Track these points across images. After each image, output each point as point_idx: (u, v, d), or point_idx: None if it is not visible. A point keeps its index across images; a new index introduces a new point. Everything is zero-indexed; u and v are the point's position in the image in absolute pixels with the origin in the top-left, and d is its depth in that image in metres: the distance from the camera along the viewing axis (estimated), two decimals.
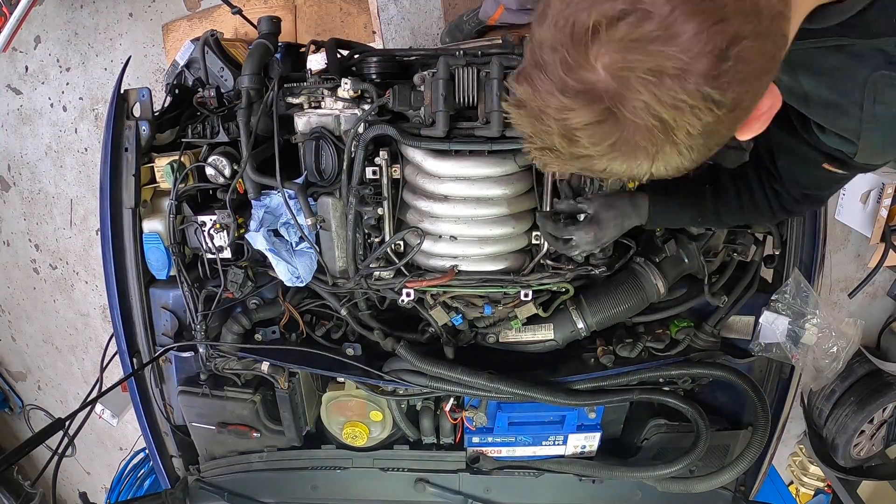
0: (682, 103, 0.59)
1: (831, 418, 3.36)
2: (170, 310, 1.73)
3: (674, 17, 0.57)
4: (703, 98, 0.59)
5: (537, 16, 0.64)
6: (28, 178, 3.73)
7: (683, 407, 1.63)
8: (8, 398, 4.83)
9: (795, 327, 1.52)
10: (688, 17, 0.57)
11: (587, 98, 0.61)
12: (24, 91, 3.49)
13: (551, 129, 0.66)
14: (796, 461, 3.93)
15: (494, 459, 1.88)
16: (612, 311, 1.54)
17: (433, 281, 1.48)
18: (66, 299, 4.12)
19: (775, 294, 1.56)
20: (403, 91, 1.37)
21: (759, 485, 1.88)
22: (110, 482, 3.49)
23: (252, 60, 1.49)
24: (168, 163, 1.57)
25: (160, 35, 3.13)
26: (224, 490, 1.98)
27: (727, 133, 0.67)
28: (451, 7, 2.85)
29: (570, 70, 0.61)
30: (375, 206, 1.46)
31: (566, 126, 0.64)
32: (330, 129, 1.48)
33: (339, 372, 1.66)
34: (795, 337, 1.51)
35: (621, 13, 0.57)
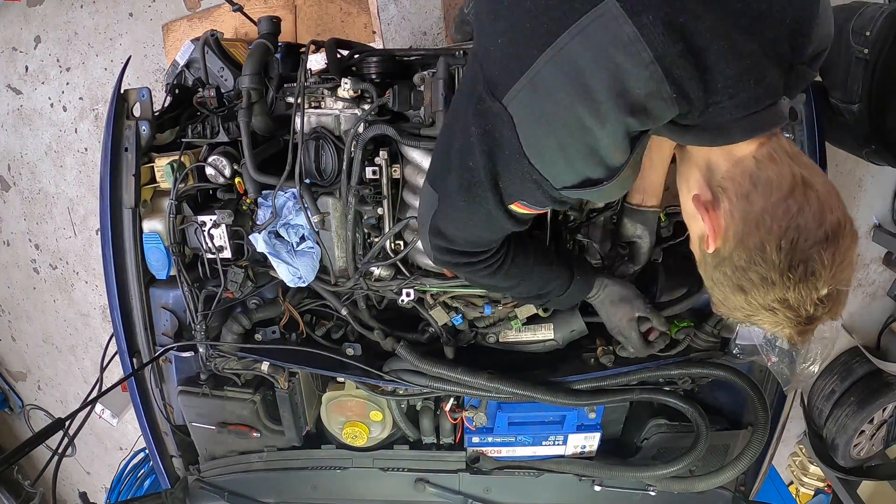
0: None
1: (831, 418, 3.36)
2: (170, 310, 1.73)
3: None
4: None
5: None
6: (28, 178, 3.73)
7: (683, 407, 1.63)
8: (8, 398, 4.83)
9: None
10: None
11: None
12: (24, 91, 3.49)
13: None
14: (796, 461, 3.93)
15: (494, 459, 1.88)
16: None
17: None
18: (66, 299, 4.12)
19: None
20: (403, 91, 1.37)
21: (759, 485, 1.88)
22: (110, 482, 3.49)
23: (252, 60, 1.49)
24: (168, 163, 1.57)
25: (160, 35, 3.13)
26: (224, 490, 1.98)
27: None
28: (451, 7, 2.85)
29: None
30: (375, 206, 1.46)
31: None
32: (330, 129, 1.48)
33: (339, 372, 1.66)
34: (773, 340, 1.51)
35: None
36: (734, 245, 0.91)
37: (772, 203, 0.88)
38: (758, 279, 0.89)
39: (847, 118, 1.88)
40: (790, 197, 0.87)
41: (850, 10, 1.82)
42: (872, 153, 1.99)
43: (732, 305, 0.96)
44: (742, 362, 1.60)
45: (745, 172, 0.91)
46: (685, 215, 1.06)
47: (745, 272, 0.91)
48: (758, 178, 0.89)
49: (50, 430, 1.46)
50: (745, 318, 0.97)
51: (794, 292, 0.88)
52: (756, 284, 0.90)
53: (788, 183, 0.88)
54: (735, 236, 0.91)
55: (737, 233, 0.91)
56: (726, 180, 0.93)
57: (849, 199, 3.13)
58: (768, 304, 0.91)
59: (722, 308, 1.00)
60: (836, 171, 2.98)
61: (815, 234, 0.86)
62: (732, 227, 0.91)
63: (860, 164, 3.02)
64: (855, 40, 1.76)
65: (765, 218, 0.88)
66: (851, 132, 1.93)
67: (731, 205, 0.91)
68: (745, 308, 0.94)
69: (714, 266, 0.96)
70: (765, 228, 0.88)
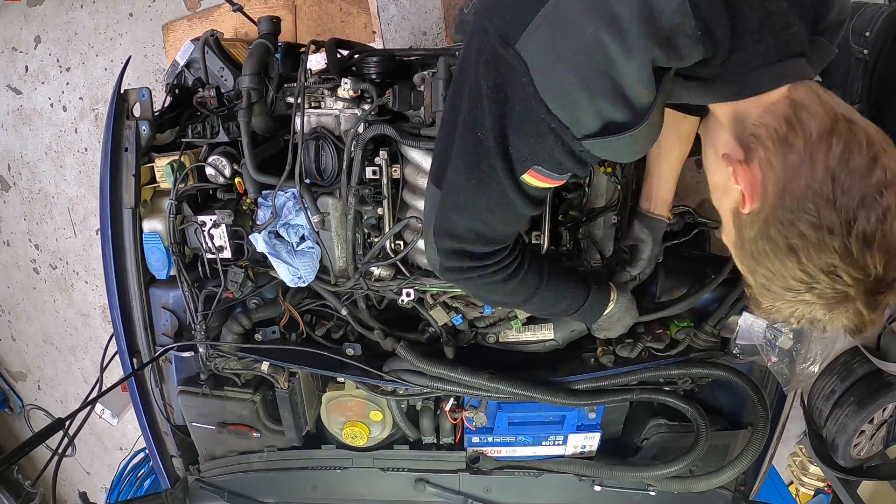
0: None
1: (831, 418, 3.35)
2: (170, 310, 1.73)
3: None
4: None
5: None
6: (28, 178, 3.73)
7: (683, 407, 1.63)
8: (8, 398, 4.83)
9: (773, 330, 1.51)
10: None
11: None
12: (24, 91, 3.49)
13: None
14: (796, 461, 3.93)
15: (494, 459, 1.88)
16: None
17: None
18: (66, 299, 4.12)
19: None
20: (403, 91, 1.37)
21: (759, 485, 1.88)
22: (110, 482, 3.49)
23: (252, 60, 1.49)
24: (168, 163, 1.57)
25: (160, 35, 3.13)
26: (224, 490, 1.98)
27: None
28: (451, 7, 2.85)
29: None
30: (375, 206, 1.46)
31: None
32: (330, 129, 1.48)
33: (339, 372, 1.66)
34: (772, 340, 1.51)
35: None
36: (776, 196, 0.79)
37: (814, 141, 0.77)
38: (810, 229, 0.76)
39: None
40: (834, 133, 0.76)
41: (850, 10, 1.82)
42: None
43: (783, 284, 0.82)
44: (742, 362, 1.60)
45: (779, 116, 0.81)
46: (715, 196, 0.95)
47: (793, 225, 0.78)
48: (795, 120, 0.79)
49: (50, 430, 1.46)
50: (799, 303, 0.83)
51: (855, 240, 0.75)
52: (809, 238, 0.77)
53: (830, 120, 0.78)
54: (776, 185, 0.79)
55: (778, 180, 0.79)
56: (758, 127, 0.82)
57: None
58: (827, 265, 0.77)
59: (767, 297, 0.86)
60: None
61: (869, 170, 0.75)
62: (772, 175, 0.80)
63: None
64: (854, 41, 1.76)
65: (808, 157, 0.77)
66: None
67: (768, 151, 0.80)
68: (800, 280, 0.80)
69: (755, 234, 0.83)
70: (810, 168, 0.76)
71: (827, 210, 0.75)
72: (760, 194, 0.81)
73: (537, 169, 0.93)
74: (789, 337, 1.51)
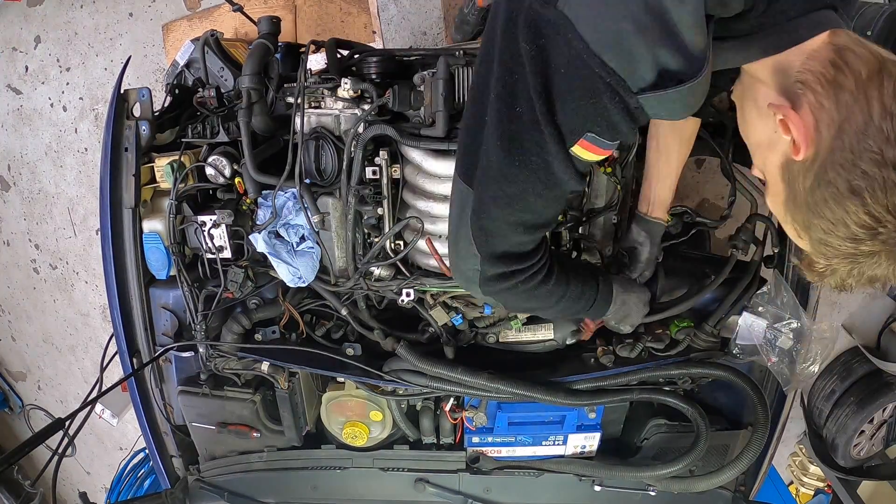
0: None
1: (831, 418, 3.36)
2: (170, 310, 1.73)
3: None
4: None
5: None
6: (28, 178, 3.73)
7: (683, 407, 1.63)
8: (8, 398, 4.83)
9: (773, 331, 1.51)
10: None
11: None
12: (24, 91, 3.49)
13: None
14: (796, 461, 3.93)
15: (494, 459, 1.88)
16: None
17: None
18: (66, 299, 4.12)
19: (755, 295, 1.55)
20: (403, 91, 1.37)
21: (759, 485, 1.88)
22: (110, 482, 3.49)
23: (252, 60, 1.49)
24: (168, 163, 1.57)
25: (160, 35, 3.13)
26: (224, 490, 1.98)
27: None
28: (451, 7, 2.85)
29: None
30: (375, 206, 1.46)
31: None
32: (330, 129, 1.48)
33: (339, 372, 1.66)
34: (772, 340, 1.51)
35: None
36: (833, 138, 0.76)
37: (865, 80, 0.75)
38: (873, 166, 0.73)
39: None
40: (884, 72, 0.74)
41: None
42: None
43: (845, 233, 0.78)
44: (742, 362, 1.60)
45: (824, 61, 0.79)
46: (758, 156, 0.91)
47: (854, 166, 0.74)
48: (842, 62, 0.77)
49: (50, 430, 1.46)
50: (860, 257, 0.79)
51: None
52: (873, 176, 0.73)
53: (877, 60, 0.76)
54: (830, 127, 0.76)
55: (832, 121, 0.76)
56: (804, 73, 0.80)
57: None
58: (894, 204, 0.73)
59: (824, 255, 0.83)
60: None
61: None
62: (825, 117, 0.77)
63: None
64: None
65: (862, 95, 0.74)
66: None
67: (818, 95, 0.78)
68: (865, 226, 0.76)
69: (812, 182, 0.79)
70: (865, 105, 0.74)
71: (889, 146, 0.72)
72: (814, 139, 0.78)
73: (590, 137, 0.87)
74: (789, 337, 1.51)
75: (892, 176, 0.73)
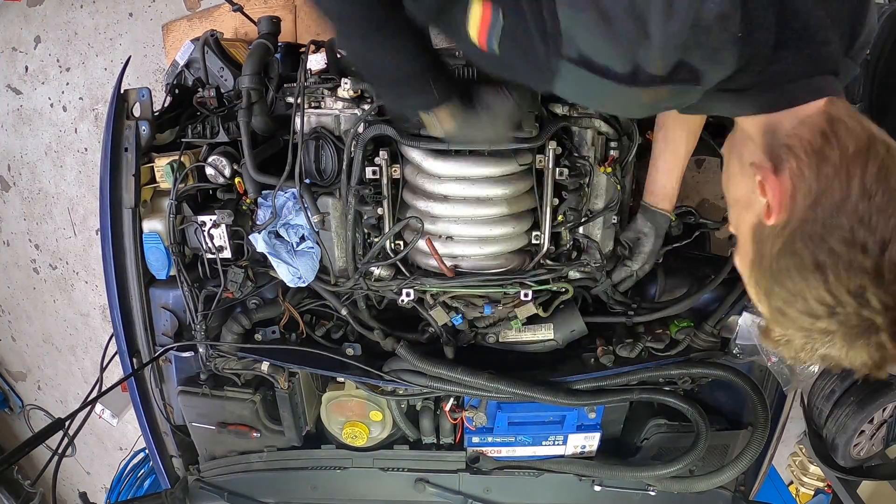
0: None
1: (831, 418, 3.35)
2: (170, 310, 1.73)
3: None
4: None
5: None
6: (28, 178, 3.73)
7: (683, 407, 1.63)
8: (8, 398, 4.83)
9: None
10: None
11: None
12: (24, 91, 3.49)
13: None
14: (796, 461, 3.93)
15: (494, 459, 1.88)
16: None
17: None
18: (66, 299, 4.11)
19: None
20: None
21: (759, 485, 1.88)
22: (110, 482, 3.49)
23: (252, 60, 1.49)
24: (168, 163, 1.57)
25: (160, 35, 3.13)
26: (224, 490, 1.98)
27: None
28: None
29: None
30: (375, 206, 1.46)
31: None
32: (330, 129, 1.48)
33: (339, 372, 1.66)
34: None
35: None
36: (807, 209, 0.74)
37: (851, 156, 0.72)
38: (841, 245, 0.71)
39: None
40: (872, 151, 0.72)
41: None
42: None
43: (802, 307, 0.76)
44: (742, 362, 1.60)
45: (814, 128, 0.76)
46: (734, 212, 0.90)
47: (823, 240, 0.72)
48: (831, 133, 0.75)
49: (50, 430, 1.46)
50: (815, 333, 0.77)
51: (889, 263, 0.69)
52: (839, 255, 0.71)
53: (868, 138, 0.74)
54: (807, 197, 0.74)
55: (809, 191, 0.74)
56: (792, 138, 0.78)
57: None
58: (856, 286, 0.70)
59: (780, 324, 0.81)
60: None
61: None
62: (803, 186, 0.74)
63: None
64: None
65: (844, 171, 0.72)
66: None
67: (801, 162, 0.75)
68: (823, 303, 0.73)
69: (779, 249, 0.77)
70: (845, 182, 0.71)
71: (861, 228, 0.70)
72: (789, 205, 0.76)
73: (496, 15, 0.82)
74: None
75: (858, 258, 0.70)
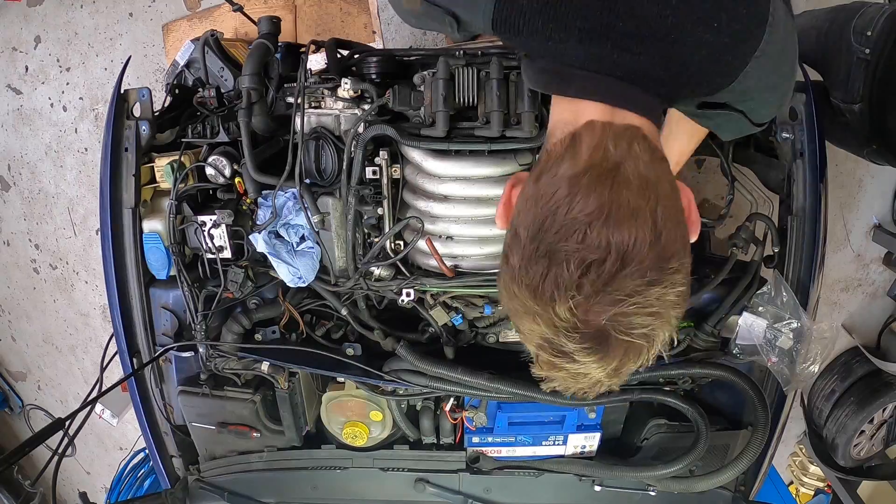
0: (659, 301, 0.67)
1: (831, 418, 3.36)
2: (170, 310, 1.73)
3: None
4: (668, 276, 0.68)
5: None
6: (28, 178, 3.73)
7: (683, 407, 1.63)
8: (8, 398, 4.82)
9: (773, 331, 1.51)
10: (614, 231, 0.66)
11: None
12: (24, 91, 3.49)
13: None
14: (796, 461, 3.93)
15: (494, 459, 1.88)
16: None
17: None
18: (66, 299, 4.11)
19: (755, 295, 1.55)
20: (403, 91, 1.37)
21: (759, 485, 1.88)
22: (110, 482, 3.49)
23: (252, 60, 1.49)
24: (168, 163, 1.57)
25: (160, 35, 3.13)
26: (224, 490, 1.98)
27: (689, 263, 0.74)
28: None
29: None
30: (375, 206, 1.46)
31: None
32: (330, 129, 1.48)
33: (339, 372, 1.66)
34: (772, 340, 1.51)
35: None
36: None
37: (561, 177, 0.69)
38: (504, 267, 0.73)
39: (848, 118, 1.88)
40: (584, 177, 0.68)
41: (852, 10, 1.82)
42: (873, 153, 1.99)
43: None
44: (742, 362, 1.60)
45: (567, 136, 0.73)
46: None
47: (506, 254, 0.73)
48: (575, 142, 0.72)
49: (50, 430, 1.46)
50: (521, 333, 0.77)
51: (534, 294, 0.68)
52: (503, 273, 0.73)
53: (599, 160, 0.69)
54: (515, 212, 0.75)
55: (516, 209, 0.75)
56: (555, 137, 0.76)
57: (849, 199, 3.13)
58: (515, 308, 0.72)
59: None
60: (836, 171, 2.98)
61: (576, 229, 0.66)
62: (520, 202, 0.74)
63: (860, 164, 3.01)
64: (856, 40, 1.76)
65: (541, 194, 0.69)
66: (852, 132, 1.93)
67: (534, 173, 0.73)
68: (507, 308, 0.75)
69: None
70: (532, 206, 0.70)
71: (520, 245, 0.72)
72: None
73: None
74: (789, 337, 1.51)
75: (511, 275, 0.71)
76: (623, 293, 0.65)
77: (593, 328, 0.67)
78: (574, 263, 0.65)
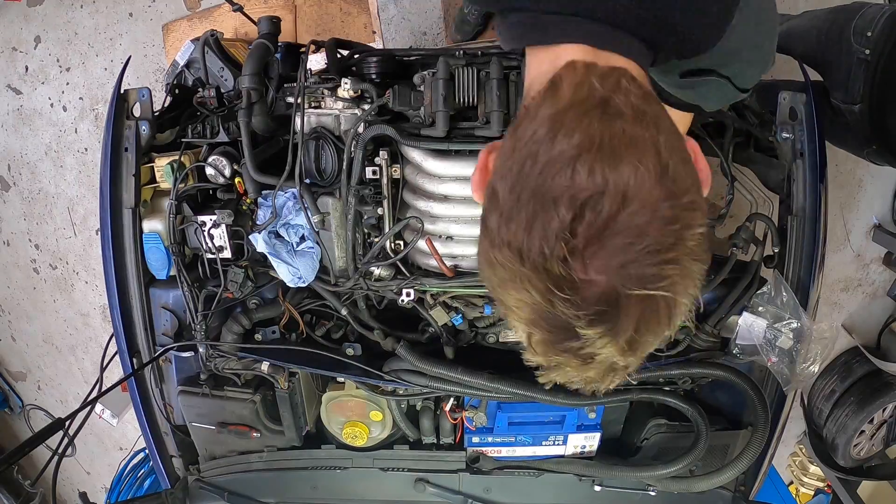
0: (677, 246, 0.55)
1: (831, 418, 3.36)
2: (170, 310, 1.73)
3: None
4: (683, 212, 0.56)
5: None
6: (28, 178, 3.73)
7: (683, 407, 1.63)
8: (8, 398, 4.82)
9: (773, 331, 1.51)
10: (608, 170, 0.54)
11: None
12: (24, 91, 3.49)
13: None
14: (796, 461, 3.93)
15: (494, 459, 1.88)
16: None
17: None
18: (66, 299, 4.11)
19: (755, 295, 1.55)
20: (403, 91, 1.37)
21: (759, 485, 1.88)
22: (110, 482, 3.49)
23: (252, 60, 1.49)
24: (168, 163, 1.57)
25: (160, 35, 3.13)
26: (224, 490, 1.98)
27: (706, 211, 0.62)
28: (451, 7, 2.85)
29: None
30: (375, 206, 1.46)
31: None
32: (330, 129, 1.48)
33: (339, 372, 1.66)
34: (772, 340, 1.51)
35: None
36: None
37: (541, 118, 0.59)
38: (482, 236, 0.62)
39: (848, 118, 1.88)
40: (569, 112, 0.58)
41: (852, 10, 1.82)
42: (873, 153, 1.99)
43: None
44: (742, 362, 1.60)
45: (546, 83, 0.63)
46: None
47: (483, 219, 0.63)
48: (555, 84, 0.62)
49: (50, 430, 1.46)
50: (503, 309, 0.66)
51: (519, 253, 0.56)
52: (480, 242, 0.63)
53: (584, 96, 0.59)
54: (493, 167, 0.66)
55: (493, 170, 0.65)
56: (533, 91, 0.65)
57: (849, 199, 3.13)
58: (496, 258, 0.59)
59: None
60: (836, 171, 2.98)
61: (563, 164, 0.55)
62: (500, 153, 0.64)
63: (860, 164, 3.01)
64: (856, 41, 1.76)
65: (518, 140, 0.60)
66: (852, 132, 1.93)
67: (510, 128, 0.64)
68: (489, 281, 0.63)
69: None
70: (509, 156, 0.60)
71: (504, 199, 0.61)
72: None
73: None
74: (789, 337, 1.51)
75: (499, 228, 0.59)
76: (630, 236, 0.53)
77: (597, 287, 0.54)
78: (564, 206, 0.54)
